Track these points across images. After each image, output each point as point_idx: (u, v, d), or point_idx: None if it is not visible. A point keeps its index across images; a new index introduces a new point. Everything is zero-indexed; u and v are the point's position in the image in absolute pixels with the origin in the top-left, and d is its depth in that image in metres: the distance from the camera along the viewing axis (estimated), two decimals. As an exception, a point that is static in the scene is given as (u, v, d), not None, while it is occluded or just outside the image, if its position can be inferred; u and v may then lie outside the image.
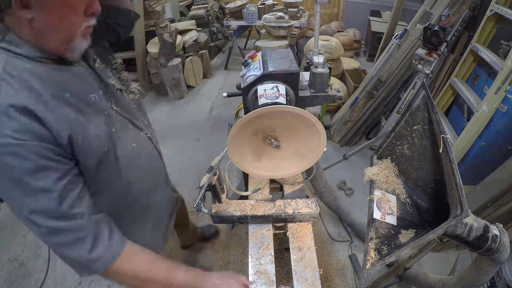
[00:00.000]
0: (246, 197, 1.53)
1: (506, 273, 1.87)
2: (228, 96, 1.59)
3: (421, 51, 2.32)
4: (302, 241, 1.35)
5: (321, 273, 1.26)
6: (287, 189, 1.56)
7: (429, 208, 1.25)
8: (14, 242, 2.81)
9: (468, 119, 2.32)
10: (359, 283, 2.25)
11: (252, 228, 1.42)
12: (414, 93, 1.20)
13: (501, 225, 1.19)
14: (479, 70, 2.46)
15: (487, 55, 2.20)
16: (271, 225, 1.43)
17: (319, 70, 1.40)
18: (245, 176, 1.75)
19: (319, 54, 1.41)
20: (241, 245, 2.60)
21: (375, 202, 1.15)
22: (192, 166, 3.41)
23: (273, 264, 1.27)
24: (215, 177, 1.31)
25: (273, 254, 1.32)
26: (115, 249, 0.91)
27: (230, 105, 2.41)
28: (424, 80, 2.19)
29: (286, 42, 4.13)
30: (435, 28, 2.12)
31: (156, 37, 4.34)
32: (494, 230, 1.14)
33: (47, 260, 2.49)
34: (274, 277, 1.23)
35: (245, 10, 4.58)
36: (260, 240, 1.37)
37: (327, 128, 3.85)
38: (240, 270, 2.42)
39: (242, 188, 2.77)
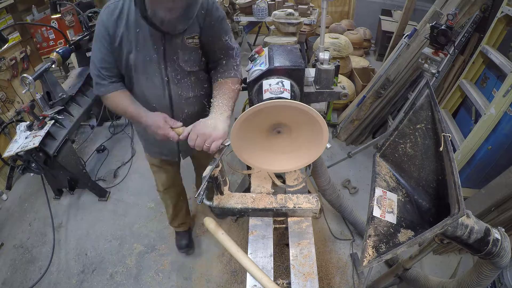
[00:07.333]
0: (248, 190, 1.53)
1: (507, 279, 1.85)
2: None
3: (427, 50, 2.29)
4: (302, 236, 1.35)
5: (320, 269, 1.26)
6: (290, 184, 1.57)
7: (430, 208, 1.25)
8: (20, 229, 2.86)
9: (476, 121, 2.29)
10: (358, 283, 2.25)
11: (252, 222, 1.43)
12: (418, 92, 1.20)
13: (503, 229, 1.18)
14: (488, 72, 2.42)
15: (497, 57, 2.17)
16: (272, 219, 1.44)
17: (325, 66, 1.40)
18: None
19: (325, 50, 1.41)
20: (244, 238, 2.61)
21: (375, 200, 1.15)
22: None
23: (272, 258, 1.28)
24: (218, 169, 1.32)
25: (272, 248, 1.32)
26: (104, 91, 1.48)
27: (238, 99, 2.42)
28: (429, 79, 2.16)
29: (295, 39, 4.11)
30: (442, 27, 2.09)
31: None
32: (496, 234, 1.13)
33: (52, 247, 2.54)
34: (272, 271, 1.24)
35: (255, 6, 4.58)
36: (260, 234, 1.38)
37: (333, 126, 3.84)
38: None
39: (245, 184, 2.79)
